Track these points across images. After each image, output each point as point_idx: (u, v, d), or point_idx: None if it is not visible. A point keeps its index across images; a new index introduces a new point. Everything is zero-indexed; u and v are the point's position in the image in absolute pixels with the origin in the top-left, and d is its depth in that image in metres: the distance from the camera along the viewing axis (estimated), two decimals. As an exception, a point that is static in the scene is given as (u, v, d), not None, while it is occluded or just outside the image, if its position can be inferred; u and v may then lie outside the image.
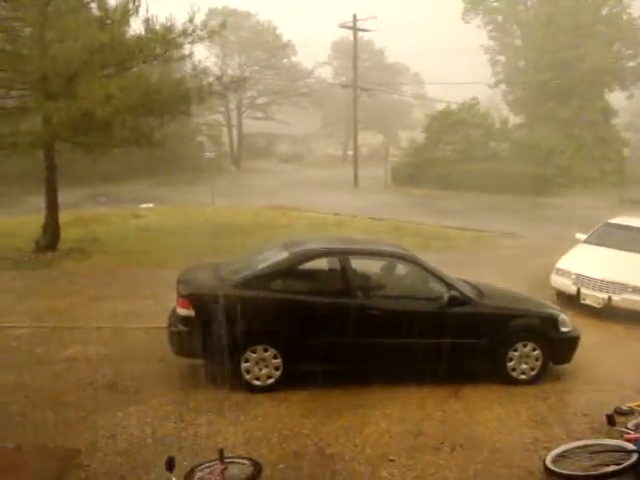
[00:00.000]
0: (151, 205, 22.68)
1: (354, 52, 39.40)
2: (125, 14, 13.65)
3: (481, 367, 7.56)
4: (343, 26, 39.95)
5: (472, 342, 7.38)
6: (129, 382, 7.11)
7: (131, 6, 13.63)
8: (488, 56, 47.23)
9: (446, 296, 7.32)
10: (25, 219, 17.21)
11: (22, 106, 13.98)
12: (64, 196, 15.03)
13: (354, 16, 38.34)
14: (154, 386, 7.03)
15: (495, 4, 46.20)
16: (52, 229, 14.43)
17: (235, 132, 54.95)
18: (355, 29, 39.02)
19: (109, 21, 13.64)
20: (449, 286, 7.44)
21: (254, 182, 37.72)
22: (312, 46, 53.54)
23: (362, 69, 42.65)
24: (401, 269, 8.04)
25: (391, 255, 8.04)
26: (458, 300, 7.36)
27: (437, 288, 7.48)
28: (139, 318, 9.37)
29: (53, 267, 13.13)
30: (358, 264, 7.61)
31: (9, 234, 15.70)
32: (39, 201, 14.56)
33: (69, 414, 6.25)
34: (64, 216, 15.21)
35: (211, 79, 15.28)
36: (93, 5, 14.41)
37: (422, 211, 25.57)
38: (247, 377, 6.92)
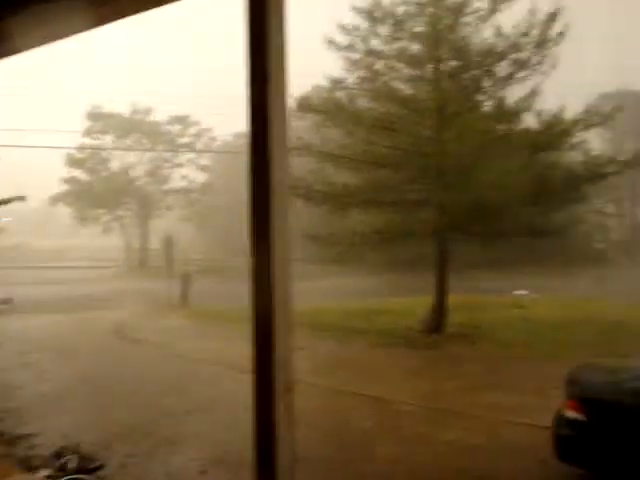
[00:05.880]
0: (525, 292, 21.91)
1: None
2: (519, 110, 14.24)
3: None
4: None
5: None
6: (505, 476, 6.87)
7: (525, 102, 14.21)
8: None
9: None
10: (415, 300, 18.52)
11: (420, 198, 15.41)
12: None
13: None
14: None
15: None
16: (439, 312, 15.21)
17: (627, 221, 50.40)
18: None
19: (503, 117, 14.41)
20: None
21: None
22: None
23: None
24: None
25: None
26: None
27: None
28: (519, 412, 9.02)
29: (438, 349, 13.72)
30: None
31: (402, 314, 17.08)
32: (424, 284, 15.51)
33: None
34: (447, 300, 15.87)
35: (602, 163, 14.67)
36: (487, 103, 15.42)
37: None
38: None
